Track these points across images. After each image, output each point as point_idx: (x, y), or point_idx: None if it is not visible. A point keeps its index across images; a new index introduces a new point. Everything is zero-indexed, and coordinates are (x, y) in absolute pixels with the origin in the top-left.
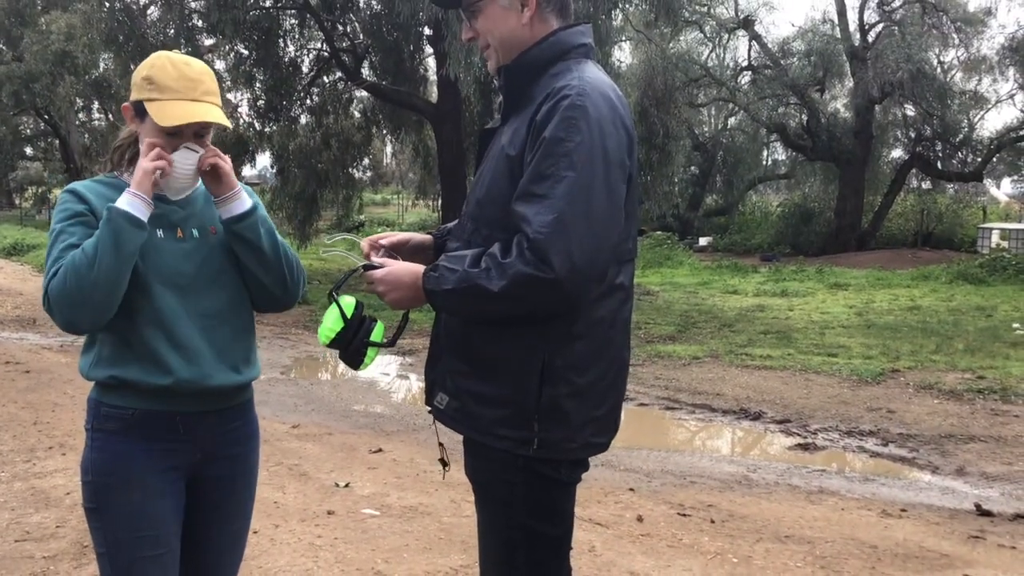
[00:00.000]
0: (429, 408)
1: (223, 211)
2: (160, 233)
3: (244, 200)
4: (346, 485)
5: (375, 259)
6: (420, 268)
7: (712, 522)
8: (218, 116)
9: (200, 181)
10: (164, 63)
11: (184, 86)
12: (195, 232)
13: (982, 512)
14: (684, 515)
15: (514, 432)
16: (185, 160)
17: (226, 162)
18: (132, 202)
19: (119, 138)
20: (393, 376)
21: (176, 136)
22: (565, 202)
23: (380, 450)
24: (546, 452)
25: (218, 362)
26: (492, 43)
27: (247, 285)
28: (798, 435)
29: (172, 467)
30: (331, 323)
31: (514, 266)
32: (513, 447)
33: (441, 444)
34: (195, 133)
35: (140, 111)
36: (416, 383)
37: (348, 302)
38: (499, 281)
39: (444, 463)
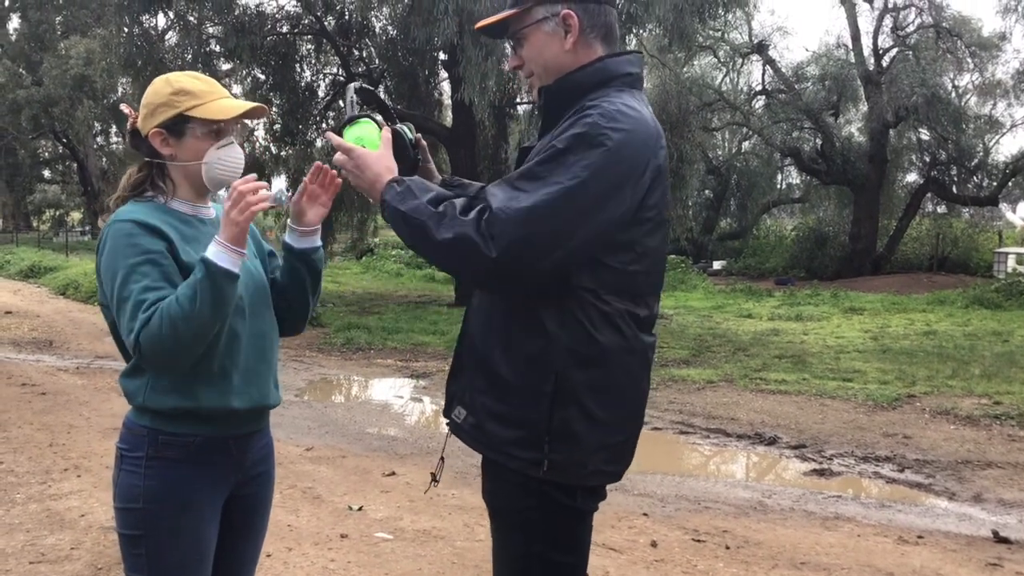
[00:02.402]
0: (447, 420)
1: (306, 241)
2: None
3: (318, 232)
4: (359, 508)
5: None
6: (389, 173)
7: (727, 548)
8: (255, 104)
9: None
10: (178, 77)
11: (213, 88)
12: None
13: (1000, 539)
14: (699, 541)
15: (525, 452)
16: (235, 154)
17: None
18: (229, 258)
19: (133, 177)
20: (407, 399)
21: (221, 134)
22: (543, 203)
23: (393, 473)
24: (557, 475)
25: (270, 382)
26: (536, 70)
27: (279, 311)
28: (813, 460)
29: (221, 491)
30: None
31: (465, 227)
32: (524, 467)
33: (442, 458)
34: (239, 133)
35: (175, 128)
36: (430, 406)
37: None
38: (446, 233)
39: (434, 478)
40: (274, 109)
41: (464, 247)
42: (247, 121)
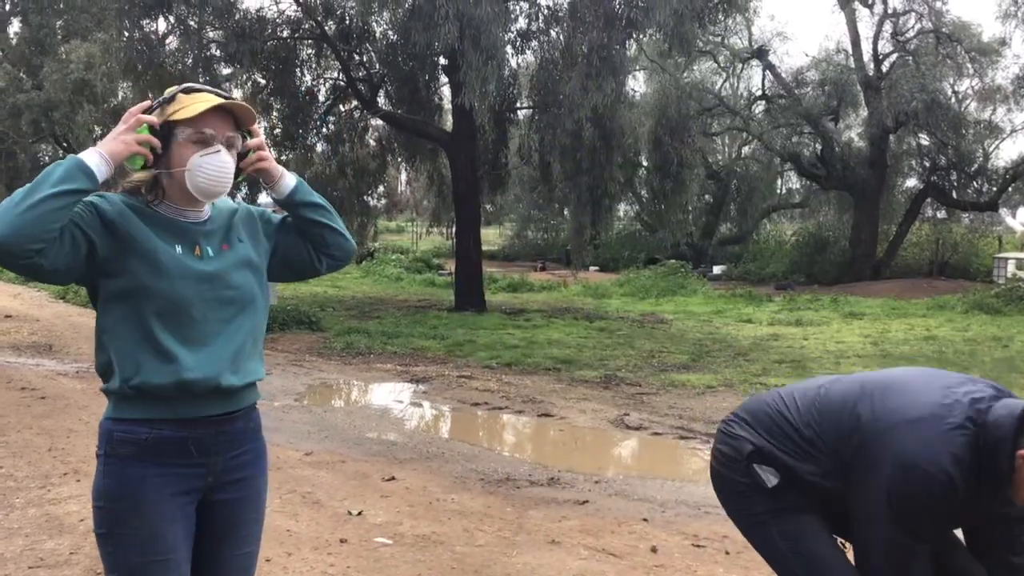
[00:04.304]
0: None
1: (278, 191)
2: (179, 249)
3: (288, 176)
4: (359, 513)
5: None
6: None
7: (727, 553)
8: (240, 101)
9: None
10: (171, 89)
11: (199, 97)
12: (210, 251)
13: None
14: (699, 546)
15: None
16: (219, 162)
17: (267, 159)
18: (95, 158)
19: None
20: (406, 404)
21: (205, 143)
22: None
23: (393, 478)
24: None
25: (230, 367)
26: None
27: (318, 251)
28: None
29: (184, 491)
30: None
31: None
32: None
33: None
34: (228, 144)
35: (165, 138)
36: (430, 411)
37: None
38: None
39: None
40: (274, 113)
41: None
42: (238, 101)
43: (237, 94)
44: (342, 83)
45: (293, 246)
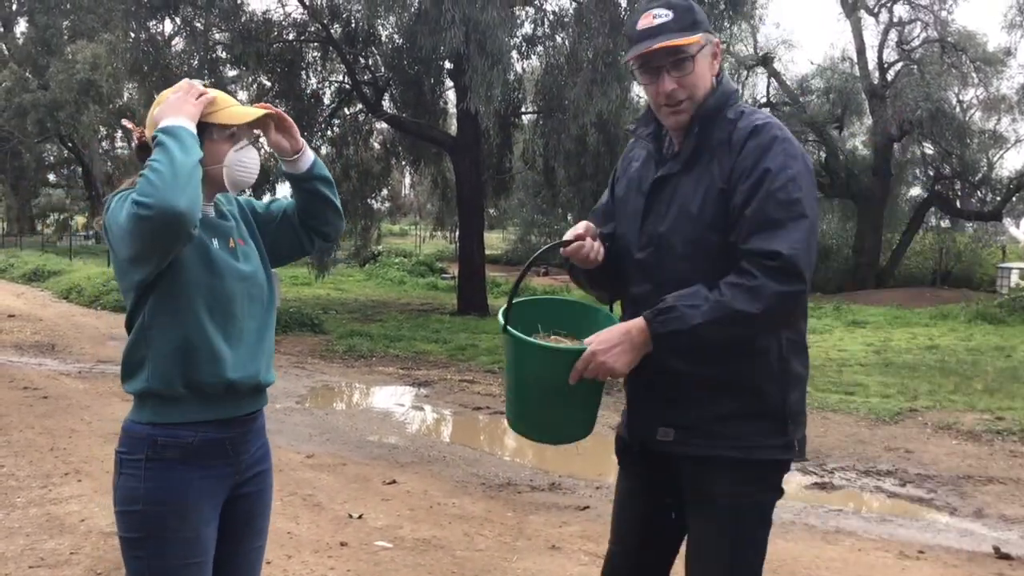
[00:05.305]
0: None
1: (299, 165)
2: (216, 243)
3: (308, 148)
4: (359, 516)
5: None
6: (630, 324)
7: None
8: (268, 110)
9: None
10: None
11: (227, 98)
12: (234, 243)
13: (1001, 555)
14: None
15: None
16: (252, 156)
17: (293, 125)
18: (186, 121)
19: (125, 187)
20: (408, 407)
21: (235, 138)
22: (806, 222)
23: (394, 481)
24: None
25: (263, 362)
26: (694, 95)
27: (313, 230)
28: (815, 474)
29: (219, 492)
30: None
31: (768, 287)
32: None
33: None
34: (253, 140)
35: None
36: (431, 415)
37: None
38: (757, 303)
39: None
40: None
41: (783, 301)
42: (271, 111)
43: (243, 96)
44: (347, 86)
45: (282, 232)
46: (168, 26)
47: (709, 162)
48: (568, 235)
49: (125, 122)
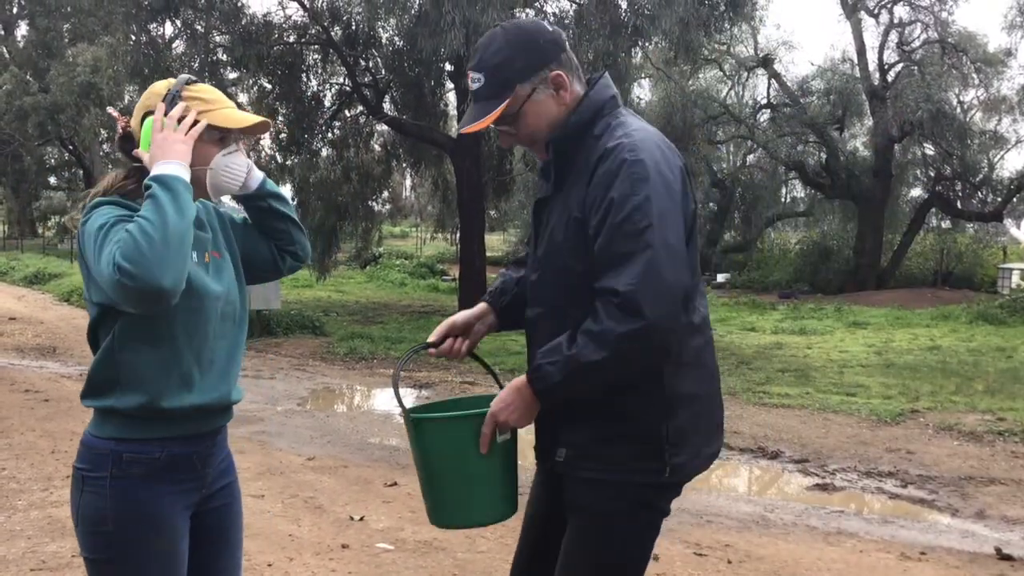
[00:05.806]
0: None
1: (246, 184)
2: (194, 256)
3: (255, 169)
4: (361, 519)
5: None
6: (519, 382)
7: (729, 562)
8: (264, 119)
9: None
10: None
11: (221, 97)
12: (209, 257)
13: (1002, 556)
14: (701, 555)
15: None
16: (240, 162)
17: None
18: (180, 170)
19: (118, 182)
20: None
21: (225, 141)
22: (650, 252)
23: (395, 483)
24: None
25: (233, 383)
26: (538, 136)
27: (281, 250)
28: (816, 475)
29: (187, 506)
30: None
31: (611, 330)
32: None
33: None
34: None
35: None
36: None
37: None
38: (602, 350)
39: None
40: (280, 118)
41: (627, 340)
42: (265, 119)
43: (243, 99)
44: (348, 88)
45: (255, 247)
46: (169, 29)
47: (573, 186)
48: (432, 336)
49: (111, 110)
